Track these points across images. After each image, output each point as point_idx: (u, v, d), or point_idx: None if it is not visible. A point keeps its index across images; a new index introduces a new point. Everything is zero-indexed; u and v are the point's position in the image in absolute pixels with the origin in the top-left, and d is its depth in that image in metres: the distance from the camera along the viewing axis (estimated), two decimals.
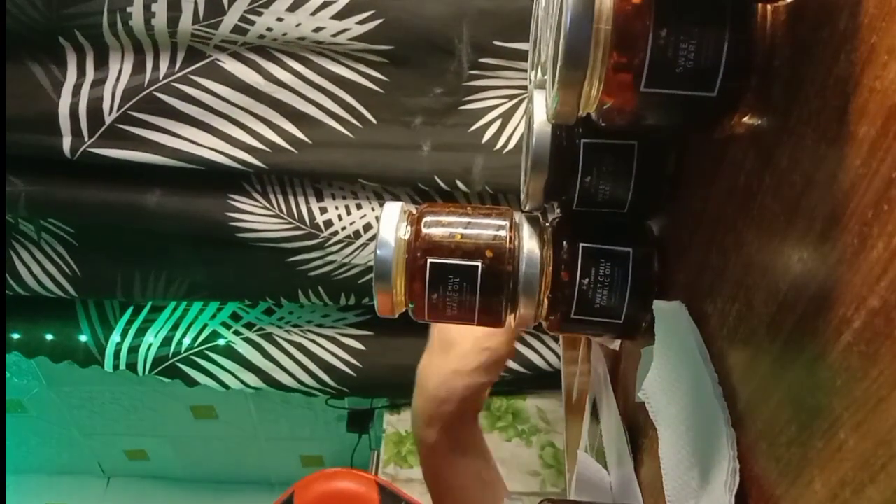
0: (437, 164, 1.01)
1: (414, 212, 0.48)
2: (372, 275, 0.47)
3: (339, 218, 1.06)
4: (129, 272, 1.14)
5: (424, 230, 0.46)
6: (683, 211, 0.44)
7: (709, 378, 0.36)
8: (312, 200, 1.05)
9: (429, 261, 0.45)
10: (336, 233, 1.06)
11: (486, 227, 0.46)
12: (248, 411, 1.80)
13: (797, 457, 0.28)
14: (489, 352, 0.66)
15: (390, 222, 0.46)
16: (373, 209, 1.06)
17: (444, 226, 0.46)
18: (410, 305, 0.48)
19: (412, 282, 0.46)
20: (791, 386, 0.29)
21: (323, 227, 1.06)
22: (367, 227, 1.06)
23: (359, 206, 1.06)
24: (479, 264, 0.45)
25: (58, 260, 1.14)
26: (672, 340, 0.41)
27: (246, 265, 1.11)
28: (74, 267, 1.14)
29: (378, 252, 0.45)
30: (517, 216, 0.48)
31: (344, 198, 1.06)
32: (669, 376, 0.40)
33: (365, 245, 1.07)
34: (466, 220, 0.47)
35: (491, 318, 0.47)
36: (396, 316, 0.50)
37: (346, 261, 1.09)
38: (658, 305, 0.43)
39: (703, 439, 0.36)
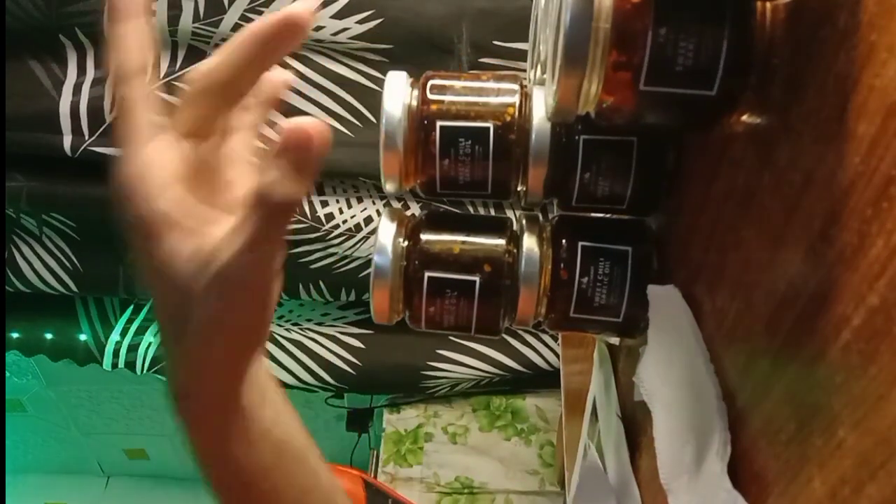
0: None
1: (413, 213, 0.48)
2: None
3: (340, 211, 1.06)
4: (130, 267, 1.14)
5: (423, 237, 0.46)
6: (682, 209, 0.44)
7: (701, 356, 0.36)
8: (314, 194, 1.06)
9: (426, 275, 0.45)
10: (337, 226, 1.06)
11: (485, 235, 0.46)
12: None
13: (796, 455, 0.28)
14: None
15: (388, 228, 0.46)
16: (373, 202, 1.07)
17: (443, 233, 0.46)
18: (406, 314, 0.47)
19: (409, 293, 0.46)
20: (790, 384, 0.29)
21: (324, 221, 1.06)
22: (368, 220, 1.07)
23: (359, 200, 1.07)
24: (477, 279, 0.45)
25: (59, 255, 1.14)
26: (666, 323, 0.41)
27: None
28: (76, 262, 1.14)
29: (376, 258, 0.45)
30: (516, 225, 0.48)
31: (345, 191, 1.06)
32: (664, 358, 0.41)
33: (366, 238, 1.07)
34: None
35: (489, 327, 0.47)
36: (393, 323, 0.49)
37: (347, 253, 1.09)
38: (652, 290, 0.43)
39: (696, 416, 0.36)
